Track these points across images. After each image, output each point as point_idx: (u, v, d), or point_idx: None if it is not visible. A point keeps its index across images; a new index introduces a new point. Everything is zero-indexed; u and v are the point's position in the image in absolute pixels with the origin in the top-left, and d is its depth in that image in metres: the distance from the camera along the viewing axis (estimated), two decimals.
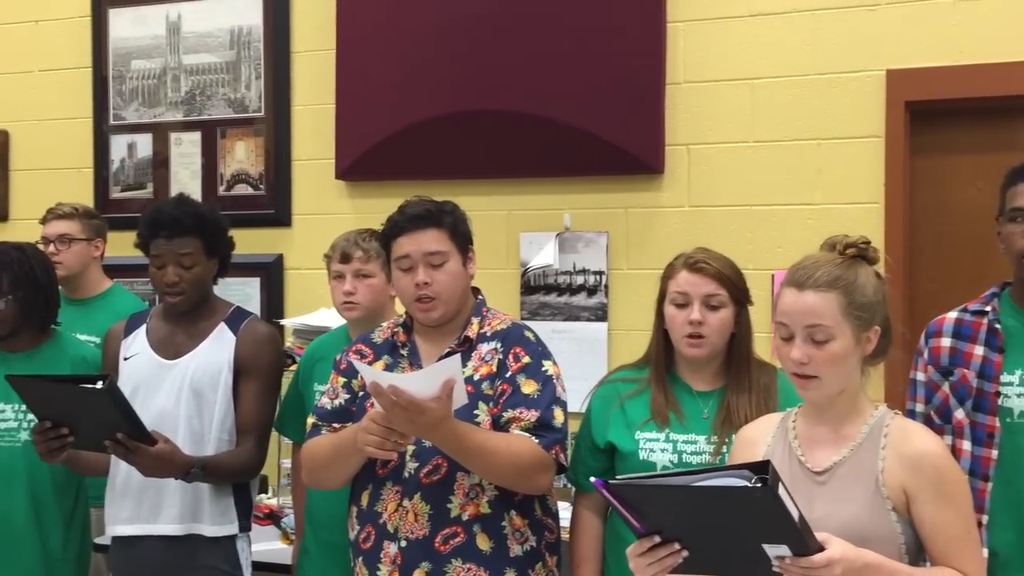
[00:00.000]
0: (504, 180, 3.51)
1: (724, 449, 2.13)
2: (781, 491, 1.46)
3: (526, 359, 2.18)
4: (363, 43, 3.59)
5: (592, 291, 3.42)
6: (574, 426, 2.34)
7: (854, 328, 1.72)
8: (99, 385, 2.29)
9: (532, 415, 2.11)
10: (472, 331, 2.23)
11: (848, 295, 1.72)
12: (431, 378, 1.94)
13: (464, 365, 2.17)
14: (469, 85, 3.45)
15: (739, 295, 2.21)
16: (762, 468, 1.48)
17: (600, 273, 3.41)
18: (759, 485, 1.44)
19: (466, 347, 2.22)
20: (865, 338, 1.74)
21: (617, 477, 1.62)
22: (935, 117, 3.13)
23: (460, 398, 1.99)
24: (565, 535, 2.34)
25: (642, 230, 3.38)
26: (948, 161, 3.14)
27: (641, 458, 2.20)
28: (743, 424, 2.04)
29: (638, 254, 3.38)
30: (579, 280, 3.43)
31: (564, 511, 2.42)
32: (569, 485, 2.46)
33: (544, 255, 3.45)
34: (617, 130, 3.32)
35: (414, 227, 2.22)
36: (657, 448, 2.20)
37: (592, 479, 1.60)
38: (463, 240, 2.27)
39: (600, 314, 3.40)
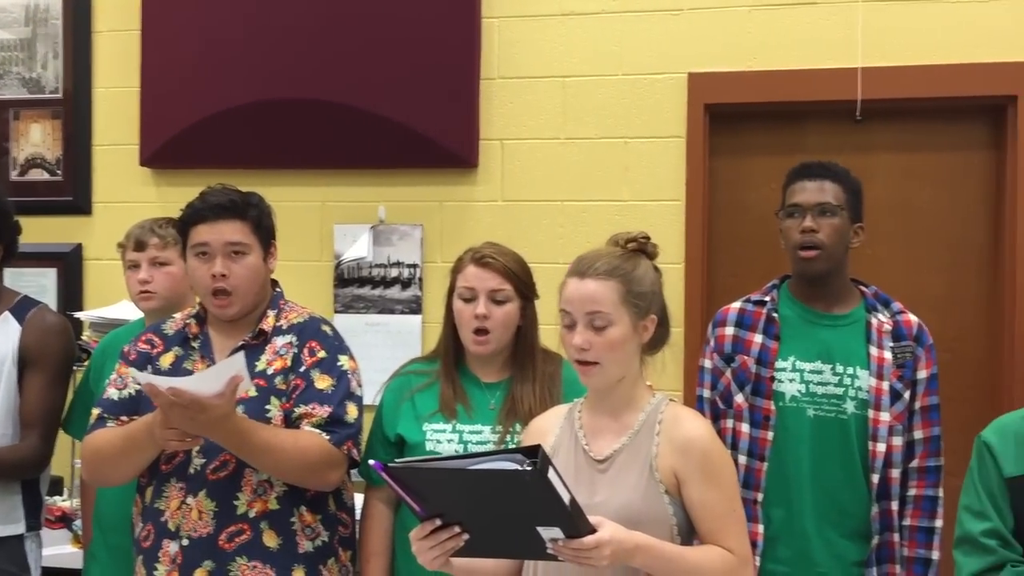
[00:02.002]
0: (318, 171, 3.45)
1: (508, 438, 2.17)
2: (551, 475, 1.50)
3: (321, 353, 2.15)
4: (170, 24, 3.45)
5: (406, 284, 3.41)
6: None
7: (632, 316, 1.79)
8: None
9: (324, 411, 2.08)
10: (267, 324, 2.19)
11: (626, 284, 1.79)
12: (214, 376, 1.88)
13: (258, 359, 2.13)
14: (282, 73, 3.37)
15: (525, 289, 2.26)
16: (536, 452, 1.51)
17: (414, 266, 3.41)
18: (529, 469, 1.48)
19: (260, 341, 2.17)
20: (642, 326, 1.81)
21: (396, 461, 1.62)
22: (732, 120, 3.29)
23: (245, 389, 1.95)
24: None
25: (456, 223, 3.40)
26: (744, 162, 3.31)
27: (428, 449, 2.22)
28: (527, 414, 2.10)
29: (452, 247, 3.34)
30: (393, 273, 3.42)
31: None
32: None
33: (358, 247, 3.42)
34: (432, 123, 3.33)
35: (216, 216, 2.16)
36: (444, 439, 2.22)
37: (371, 462, 1.60)
38: (266, 235, 2.23)
39: (414, 307, 3.40)
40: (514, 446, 2.10)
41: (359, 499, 2.42)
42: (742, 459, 2.29)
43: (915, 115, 3.21)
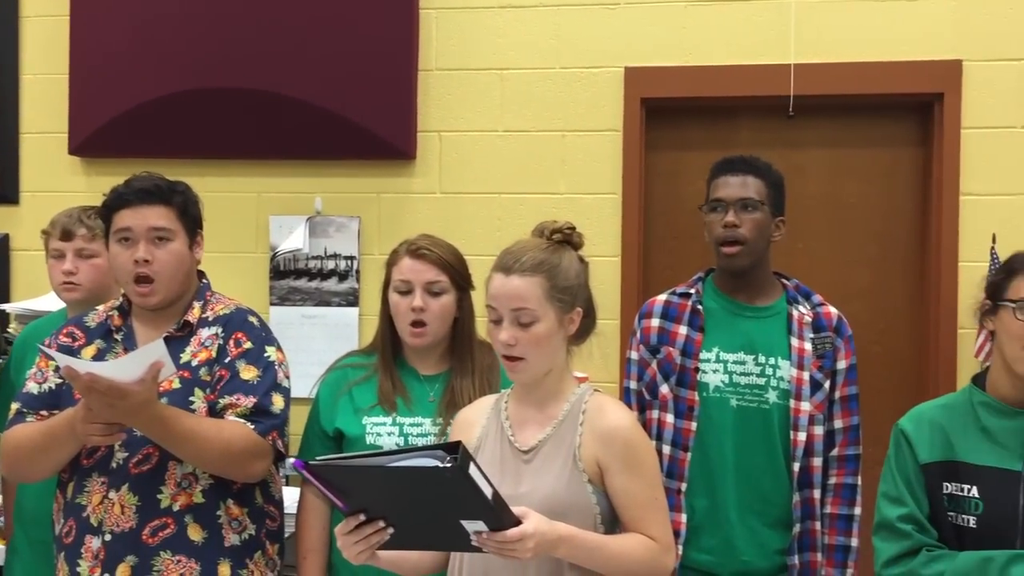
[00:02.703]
0: (253, 161, 3.42)
1: (449, 431, 2.17)
2: (472, 470, 1.50)
3: (247, 344, 2.12)
4: (100, 10, 3.38)
5: (343, 276, 3.39)
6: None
7: (557, 310, 1.80)
8: None
9: (249, 401, 2.06)
10: (193, 316, 2.16)
11: (551, 279, 1.79)
12: (134, 362, 1.85)
13: (183, 351, 2.10)
14: (217, 61, 3.33)
15: (461, 281, 2.26)
16: (457, 448, 1.52)
17: (352, 258, 3.38)
18: (449, 465, 1.48)
19: (186, 332, 2.14)
20: (568, 319, 1.82)
21: (317, 458, 1.61)
22: (668, 114, 3.32)
23: (167, 375, 1.93)
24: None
25: (394, 215, 3.38)
26: (680, 156, 3.34)
27: (368, 442, 2.21)
28: (467, 405, 2.09)
29: (390, 239, 3.33)
30: (330, 265, 3.39)
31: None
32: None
33: (294, 239, 3.39)
34: (369, 114, 3.31)
35: (140, 201, 2.12)
36: (384, 432, 2.21)
37: (291, 460, 1.59)
38: (192, 222, 2.19)
39: (351, 299, 3.37)
40: (435, 442, 2.11)
41: (291, 493, 2.40)
42: (666, 449, 2.31)
43: (845, 111, 3.26)
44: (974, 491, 1.89)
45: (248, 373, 2.09)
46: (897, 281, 3.27)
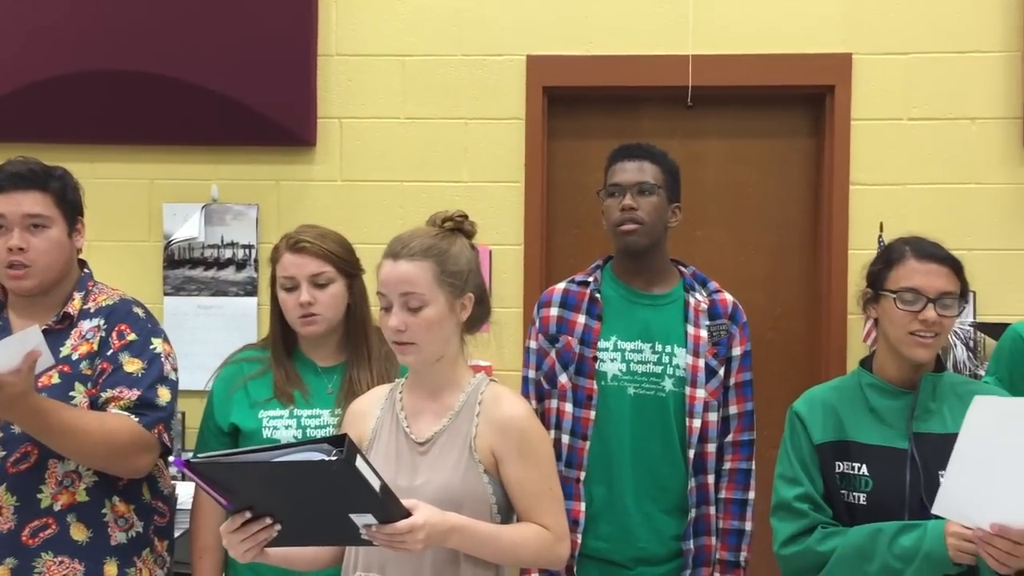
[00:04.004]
0: (146, 147, 3.31)
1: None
2: (359, 463, 1.48)
3: (131, 336, 2.06)
4: None
5: (241, 265, 3.31)
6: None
7: (447, 295, 1.78)
8: None
9: (133, 394, 2.00)
10: (73, 307, 2.08)
11: (440, 263, 1.78)
12: (8, 350, 1.77)
13: (63, 344, 2.03)
14: (108, 42, 3.21)
15: (347, 267, 2.22)
16: (342, 442, 1.49)
17: (250, 247, 3.31)
18: (334, 458, 1.46)
19: (66, 325, 2.06)
20: (459, 304, 1.81)
21: (198, 455, 1.57)
22: (570, 103, 3.33)
23: (45, 365, 1.86)
24: None
25: (294, 203, 3.32)
26: (582, 145, 3.36)
27: (265, 436, 2.16)
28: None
29: (290, 228, 3.25)
30: (227, 254, 3.31)
31: None
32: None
33: (189, 227, 3.29)
34: (268, 100, 3.23)
35: (13, 186, 2.04)
36: (281, 425, 2.17)
37: (171, 458, 1.54)
38: (71, 209, 2.11)
39: (250, 289, 3.30)
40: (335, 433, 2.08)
41: (188, 489, 2.34)
42: (565, 438, 2.32)
43: (742, 102, 3.33)
44: (864, 469, 1.95)
45: (132, 366, 2.02)
46: (792, 268, 3.36)
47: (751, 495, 2.36)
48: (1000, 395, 2.00)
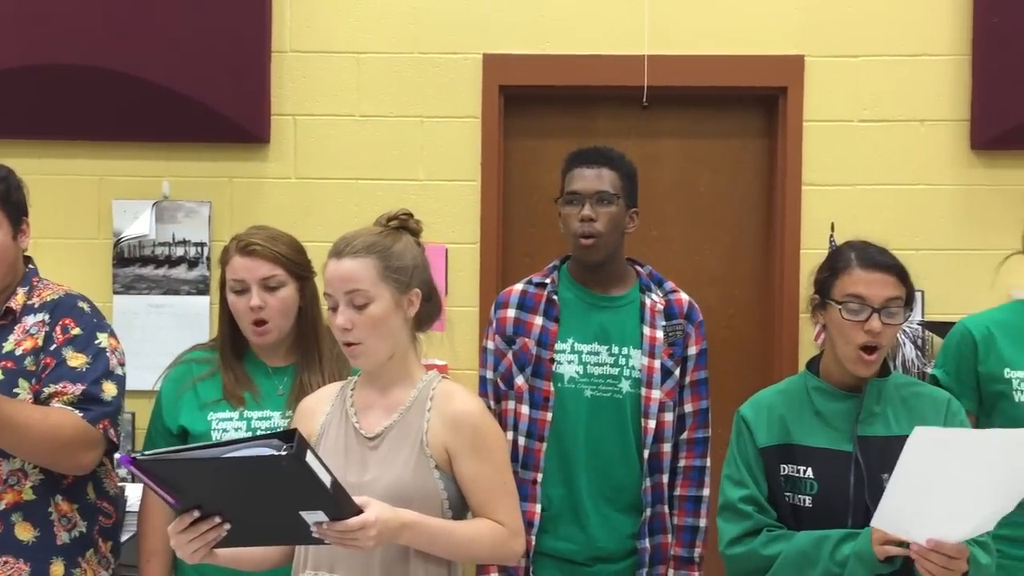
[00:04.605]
0: (95, 143, 3.25)
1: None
2: (309, 458, 1.47)
3: (76, 331, 2.02)
4: None
5: (193, 263, 3.26)
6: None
7: (392, 291, 1.77)
8: None
9: (77, 389, 1.96)
10: (16, 303, 2.03)
11: (384, 260, 1.77)
12: None
13: (5, 340, 1.98)
14: (56, 35, 3.14)
15: (298, 270, 2.19)
16: (292, 437, 1.48)
17: (202, 245, 3.26)
18: (284, 453, 1.44)
19: (9, 321, 2.01)
20: (406, 300, 1.80)
21: (145, 453, 1.54)
22: (526, 102, 3.33)
23: None
24: None
25: (247, 201, 3.28)
26: (538, 144, 3.36)
27: (215, 438, 2.13)
28: None
29: (243, 225, 3.17)
30: (179, 252, 3.26)
31: None
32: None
33: (139, 225, 3.24)
34: (220, 96, 3.19)
35: None
36: (231, 427, 2.14)
37: (117, 456, 1.51)
38: (15, 210, 2.07)
39: (202, 287, 3.26)
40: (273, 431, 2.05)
41: (136, 491, 2.30)
42: (522, 440, 2.32)
43: (696, 102, 3.35)
44: (809, 472, 1.97)
45: (76, 360, 1.98)
46: (745, 268, 3.39)
47: (706, 492, 2.38)
48: (939, 402, 2.03)
